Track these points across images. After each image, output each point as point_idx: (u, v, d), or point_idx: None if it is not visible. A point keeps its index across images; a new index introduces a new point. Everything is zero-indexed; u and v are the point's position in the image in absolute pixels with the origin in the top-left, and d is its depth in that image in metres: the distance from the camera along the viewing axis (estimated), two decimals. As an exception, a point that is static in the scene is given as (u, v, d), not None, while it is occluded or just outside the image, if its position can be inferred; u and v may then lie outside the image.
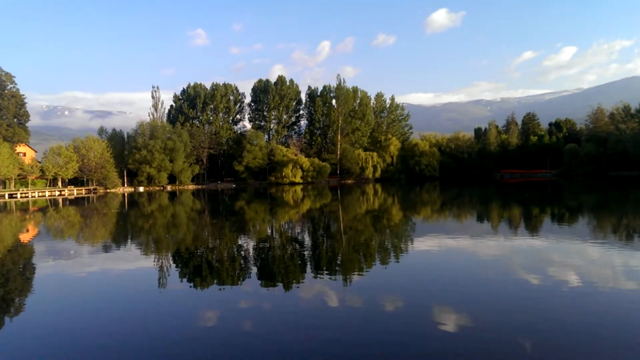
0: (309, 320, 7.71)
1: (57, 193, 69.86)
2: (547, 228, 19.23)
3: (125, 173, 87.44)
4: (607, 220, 22.03)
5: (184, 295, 9.61)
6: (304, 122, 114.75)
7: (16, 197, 61.35)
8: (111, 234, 21.82)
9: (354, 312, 8.11)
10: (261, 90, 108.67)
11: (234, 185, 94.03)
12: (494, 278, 10.29)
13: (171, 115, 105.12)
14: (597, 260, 11.96)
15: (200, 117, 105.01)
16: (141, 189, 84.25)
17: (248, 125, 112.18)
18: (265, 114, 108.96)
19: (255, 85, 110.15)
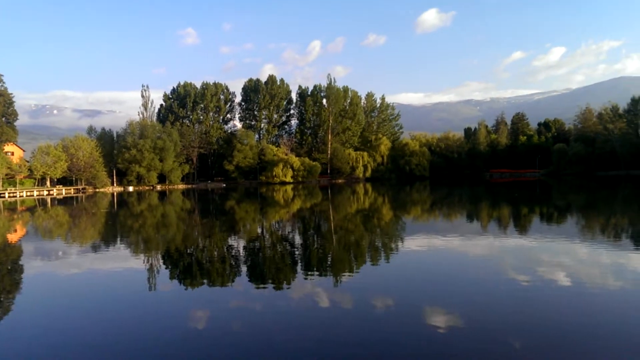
0: (300, 320, 7.71)
1: (46, 192, 69.05)
2: (536, 228, 19.38)
3: (114, 172, 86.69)
4: (596, 219, 22.28)
5: (174, 295, 9.56)
6: (294, 122, 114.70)
7: (4, 197, 60.52)
8: (100, 234, 21.63)
9: (345, 311, 8.12)
10: (252, 89, 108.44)
11: (224, 185, 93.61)
12: (485, 277, 10.36)
13: (161, 115, 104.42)
14: (587, 259, 12.10)
15: (191, 117, 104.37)
16: (130, 188, 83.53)
17: (238, 125, 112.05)
18: (256, 113, 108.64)
19: (246, 84, 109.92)
